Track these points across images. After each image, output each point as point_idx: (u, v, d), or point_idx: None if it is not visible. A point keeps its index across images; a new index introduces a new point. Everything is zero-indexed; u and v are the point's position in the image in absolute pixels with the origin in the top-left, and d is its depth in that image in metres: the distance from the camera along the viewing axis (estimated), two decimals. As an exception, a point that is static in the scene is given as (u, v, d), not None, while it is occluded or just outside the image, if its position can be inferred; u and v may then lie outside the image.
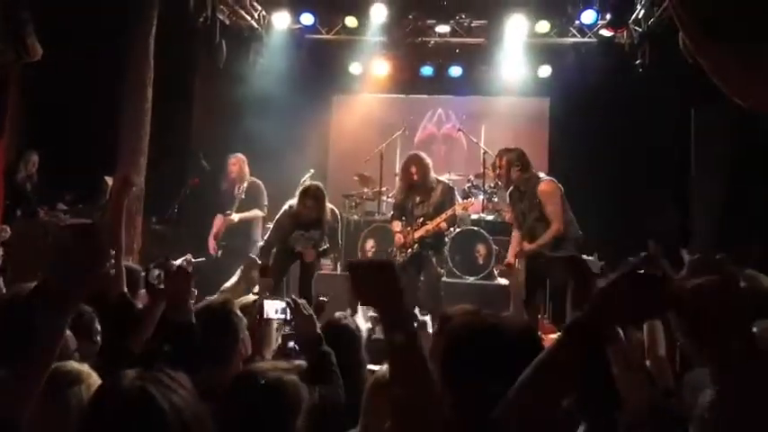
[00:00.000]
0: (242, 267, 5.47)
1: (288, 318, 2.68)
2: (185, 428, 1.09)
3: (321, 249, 5.35)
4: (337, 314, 2.78)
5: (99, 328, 2.57)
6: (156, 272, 2.34)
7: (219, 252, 6.68)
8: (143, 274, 3.38)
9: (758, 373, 1.12)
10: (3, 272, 3.16)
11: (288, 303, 2.58)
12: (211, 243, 6.65)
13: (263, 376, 1.79)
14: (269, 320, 2.81)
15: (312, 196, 5.20)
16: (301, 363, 2.38)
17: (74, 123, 6.79)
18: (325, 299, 3.45)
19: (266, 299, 2.85)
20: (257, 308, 2.77)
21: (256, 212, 6.52)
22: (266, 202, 6.56)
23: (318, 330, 2.44)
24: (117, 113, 6.49)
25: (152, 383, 1.10)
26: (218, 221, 6.69)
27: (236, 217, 6.45)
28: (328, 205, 5.44)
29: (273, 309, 2.79)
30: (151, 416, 1.08)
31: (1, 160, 6.39)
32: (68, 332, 2.19)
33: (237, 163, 6.61)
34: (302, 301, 2.50)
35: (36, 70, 6.06)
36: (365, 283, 1.30)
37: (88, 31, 6.49)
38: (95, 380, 1.88)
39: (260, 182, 6.61)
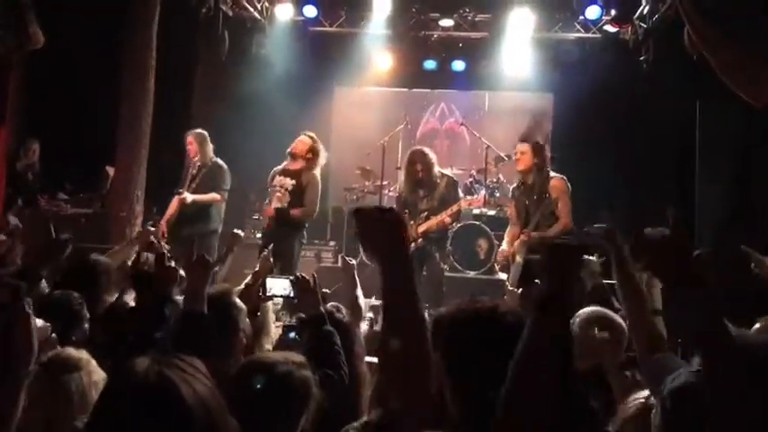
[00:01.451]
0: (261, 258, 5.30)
1: (293, 296, 2.61)
2: (207, 413, 1.05)
3: (281, 206, 5.34)
4: (329, 305, 2.64)
5: (87, 314, 2.56)
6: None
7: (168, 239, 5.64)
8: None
9: None
10: (2, 259, 3.14)
11: (291, 281, 2.52)
12: (162, 228, 5.65)
13: (271, 370, 1.74)
14: (267, 306, 2.76)
15: (301, 140, 5.52)
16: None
17: (75, 112, 6.77)
18: (327, 291, 3.37)
19: (270, 276, 2.80)
20: (259, 286, 2.72)
21: (213, 196, 5.69)
22: (227, 187, 5.81)
23: (322, 309, 2.38)
24: (118, 103, 6.46)
25: (169, 368, 1.06)
26: (175, 203, 5.78)
27: (189, 197, 5.60)
28: (315, 172, 5.46)
29: (278, 286, 2.72)
30: (171, 401, 1.04)
31: (2, 148, 6.36)
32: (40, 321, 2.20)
33: (194, 140, 5.79)
34: (307, 278, 2.42)
35: (38, 58, 6.03)
36: (371, 230, 1.29)
37: (90, 19, 6.46)
38: (95, 366, 1.87)
39: (223, 164, 5.85)
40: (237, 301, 2.54)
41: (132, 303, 3.04)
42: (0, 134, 6.28)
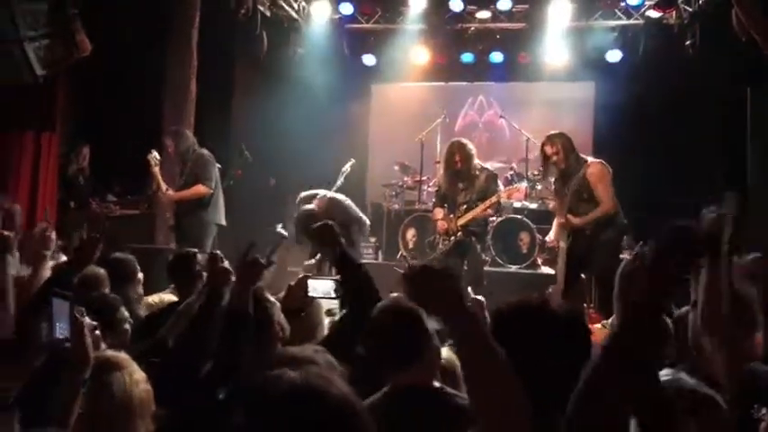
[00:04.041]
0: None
1: (336, 297, 2.60)
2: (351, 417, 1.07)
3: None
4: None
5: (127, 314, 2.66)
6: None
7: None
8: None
9: None
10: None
11: (336, 282, 2.52)
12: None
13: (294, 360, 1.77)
14: (313, 301, 2.75)
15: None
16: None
17: (122, 116, 6.97)
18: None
19: (311, 277, 2.77)
20: (302, 287, 2.70)
21: (198, 188, 5.47)
22: (210, 177, 5.53)
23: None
24: (162, 105, 6.62)
25: (316, 379, 1.09)
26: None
27: (170, 193, 5.55)
28: None
29: (321, 288, 2.65)
30: (322, 408, 1.05)
31: (54, 154, 6.59)
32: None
33: (170, 140, 5.70)
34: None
35: (84, 64, 6.21)
36: (425, 292, 1.26)
37: (134, 24, 6.64)
38: (135, 367, 1.91)
39: (207, 152, 5.62)
40: (269, 295, 2.56)
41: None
42: (51, 140, 6.51)
